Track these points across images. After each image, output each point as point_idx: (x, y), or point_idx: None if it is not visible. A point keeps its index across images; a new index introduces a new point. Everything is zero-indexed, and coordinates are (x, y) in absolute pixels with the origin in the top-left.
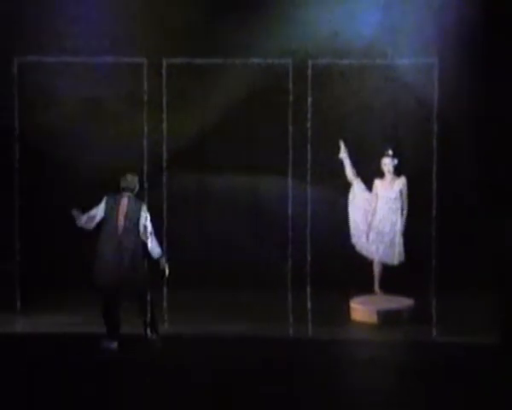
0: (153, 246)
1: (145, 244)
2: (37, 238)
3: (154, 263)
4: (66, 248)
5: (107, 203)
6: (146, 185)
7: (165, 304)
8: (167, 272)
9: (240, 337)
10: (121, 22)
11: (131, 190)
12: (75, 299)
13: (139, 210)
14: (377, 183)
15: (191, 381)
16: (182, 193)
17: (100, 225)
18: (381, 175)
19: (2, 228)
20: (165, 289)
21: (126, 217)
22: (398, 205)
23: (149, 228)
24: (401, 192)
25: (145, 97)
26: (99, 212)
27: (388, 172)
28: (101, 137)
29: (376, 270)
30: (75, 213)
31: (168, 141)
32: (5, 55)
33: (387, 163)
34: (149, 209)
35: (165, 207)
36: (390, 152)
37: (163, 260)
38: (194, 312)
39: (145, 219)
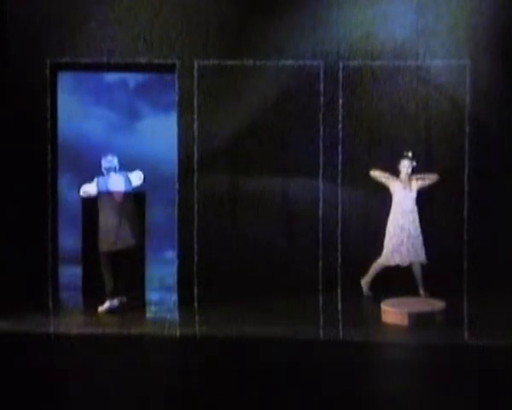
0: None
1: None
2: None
3: None
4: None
5: (98, 184)
6: (177, 186)
7: (196, 304)
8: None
9: (270, 339)
10: (154, 24)
11: (114, 170)
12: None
13: (128, 178)
14: (396, 185)
15: (223, 382)
16: (213, 194)
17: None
18: (398, 176)
19: (34, 228)
20: (195, 290)
21: (121, 190)
22: (415, 207)
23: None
24: (418, 192)
25: (176, 98)
26: (94, 190)
27: (406, 174)
28: (133, 138)
29: (416, 272)
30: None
31: (200, 142)
32: (39, 56)
33: (407, 165)
34: (181, 210)
35: (196, 208)
36: (409, 154)
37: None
38: (226, 312)
39: (135, 179)
